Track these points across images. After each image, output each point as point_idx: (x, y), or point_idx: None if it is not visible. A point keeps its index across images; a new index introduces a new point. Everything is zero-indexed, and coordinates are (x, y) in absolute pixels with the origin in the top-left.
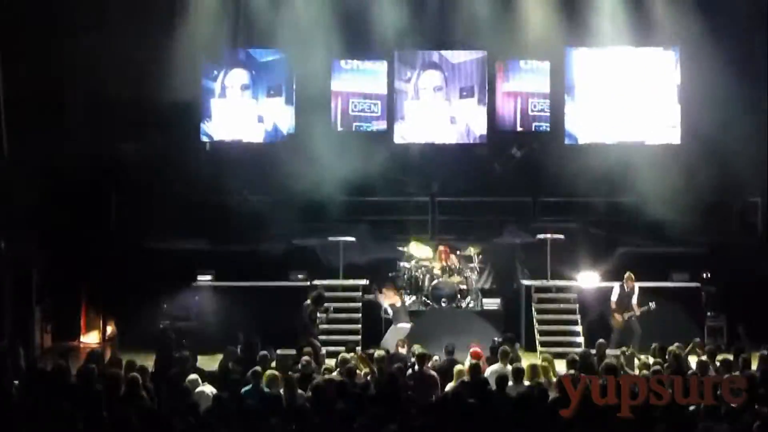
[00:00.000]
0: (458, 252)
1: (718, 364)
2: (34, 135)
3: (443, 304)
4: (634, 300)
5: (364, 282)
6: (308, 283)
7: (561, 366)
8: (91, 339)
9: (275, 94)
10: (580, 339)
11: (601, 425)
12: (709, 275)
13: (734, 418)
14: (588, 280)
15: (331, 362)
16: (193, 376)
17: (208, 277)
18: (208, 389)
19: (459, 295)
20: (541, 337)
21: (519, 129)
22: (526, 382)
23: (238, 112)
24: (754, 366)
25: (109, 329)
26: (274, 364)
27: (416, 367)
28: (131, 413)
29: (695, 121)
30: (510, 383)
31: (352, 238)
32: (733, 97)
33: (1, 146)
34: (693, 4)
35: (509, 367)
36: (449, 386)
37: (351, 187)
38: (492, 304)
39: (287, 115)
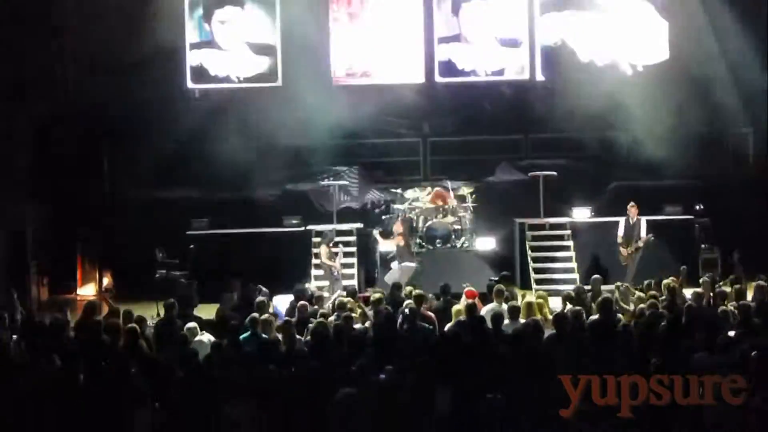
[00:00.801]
0: (451, 192)
1: (712, 295)
2: (22, 90)
3: (438, 245)
4: (643, 232)
5: (359, 225)
6: (302, 228)
7: (556, 303)
8: (87, 291)
9: (264, 38)
10: (575, 275)
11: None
12: (701, 207)
13: (729, 349)
14: (581, 215)
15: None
16: (191, 324)
17: (203, 225)
18: (206, 337)
19: (453, 236)
20: (536, 275)
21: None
22: (522, 320)
23: (227, 57)
24: (749, 297)
25: (106, 280)
26: (271, 310)
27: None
28: (131, 364)
29: (684, 53)
30: (506, 321)
31: (345, 182)
32: (724, 26)
33: None
34: None
35: (504, 306)
36: (447, 327)
37: (341, 131)
38: (486, 243)
39: (277, 59)
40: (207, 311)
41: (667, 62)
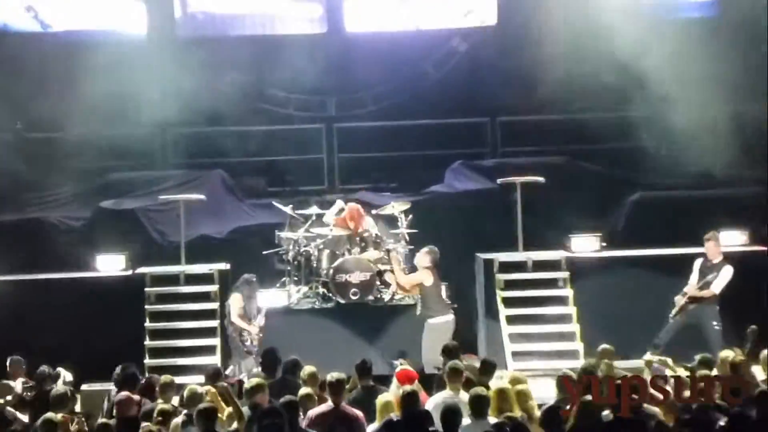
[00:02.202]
0: (374, 211)
1: None
2: None
3: (353, 297)
4: (721, 281)
5: (222, 266)
6: (130, 272)
7: (546, 389)
8: None
9: None
10: (576, 345)
11: None
12: None
13: None
14: (585, 246)
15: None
16: None
17: None
18: None
19: (377, 282)
20: (513, 345)
21: None
22: (492, 418)
23: None
24: None
25: None
26: (78, 407)
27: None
28: None
29: None
30: (466, 420)
31: (201, 196)
32: None
33: None
34: None
35: (464, 395)
36: (370, 429)
37: (195, 113)
38: None
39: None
40: None
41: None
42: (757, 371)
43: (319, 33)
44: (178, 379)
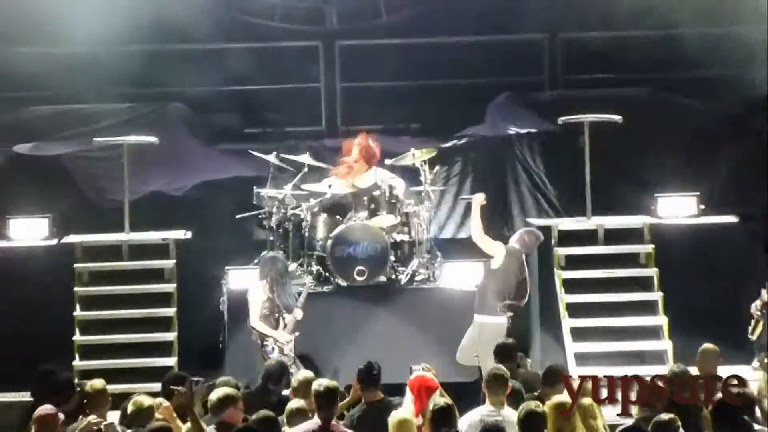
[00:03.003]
0: (388, 161)
1: None
2: None
3: (358, 277)
4: None
5: (181, 234)
6: (54, 241)
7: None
8: None
9: None
10: (663, 344)
11: None
12: None
13: None
14: (676, 210)
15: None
16: None
17: None
18: None
19: (392, 257)
20: (577, 343)
21: None
22: None
23: None
24: None
25: None
26: None
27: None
28: None
29: None
30: None
31: (152, 138)
32: None
33: None
34: None
35: (509, 411)
36: None
37: (147, 27)
38: (464, 274)
39: None
40: None
41: None
42: None
43: None
44: (119, 388)
